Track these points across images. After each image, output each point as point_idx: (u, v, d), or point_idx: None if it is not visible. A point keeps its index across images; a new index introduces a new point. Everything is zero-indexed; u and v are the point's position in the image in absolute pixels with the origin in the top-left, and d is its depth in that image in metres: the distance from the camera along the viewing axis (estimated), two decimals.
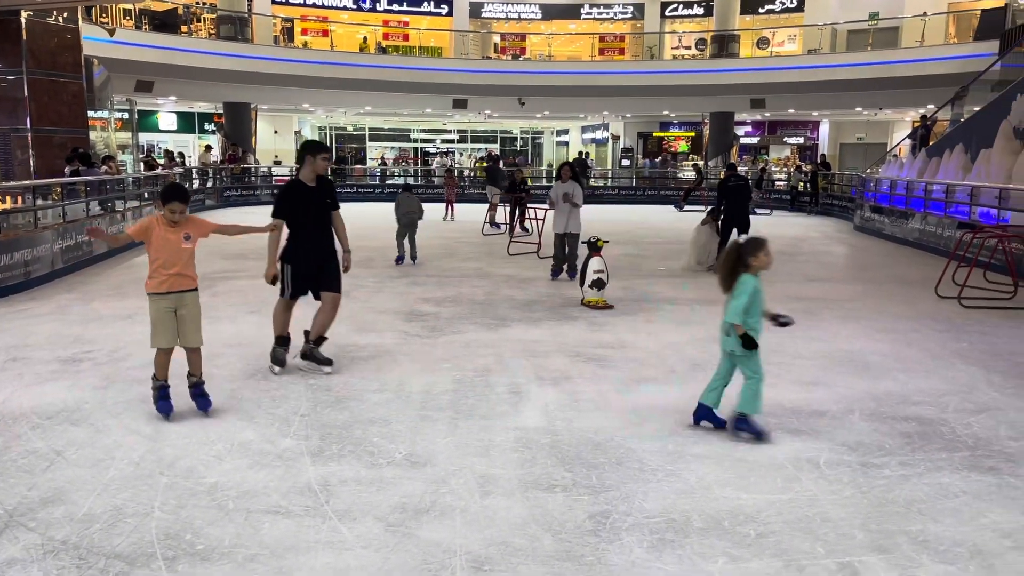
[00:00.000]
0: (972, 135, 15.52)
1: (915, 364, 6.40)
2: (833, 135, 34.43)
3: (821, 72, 25.83)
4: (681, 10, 34.22)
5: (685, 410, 5.12)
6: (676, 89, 27.80)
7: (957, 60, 22.71)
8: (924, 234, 14.59)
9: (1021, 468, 4.19)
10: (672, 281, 10.61)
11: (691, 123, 34.85)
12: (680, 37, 33.00)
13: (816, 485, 4.01)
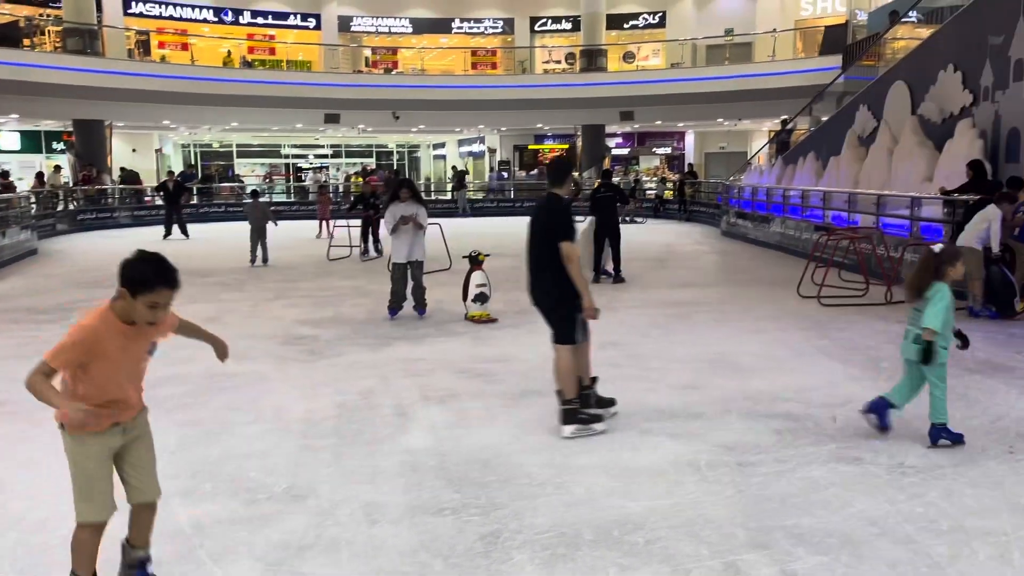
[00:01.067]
0: (823, 143, 16.63)
1: (783, 362, 6.73)
2: (698, 145, 36.11)
3: (684, 85, 27.03)
4: (550, 25, 35.01)
5: None
6: (548, 103, 28.37)
7: (806, 73, 24.31)
8: (784, 237, 15.48)
9: (881, 456, 4.46)
10: None
11: (565, 135, 35.63)
12: (550, 52, 33.73)
13: (698, 487, 4.12)
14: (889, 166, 12.87)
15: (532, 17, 34.94)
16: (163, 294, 2.85)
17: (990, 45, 10.65)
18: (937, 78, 11.99)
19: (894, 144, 12.99)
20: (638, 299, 10.00)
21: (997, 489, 3.98)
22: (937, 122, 12.00)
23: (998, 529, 3.55)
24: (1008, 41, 10.23)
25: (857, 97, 15.53)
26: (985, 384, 5.89)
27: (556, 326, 5.11)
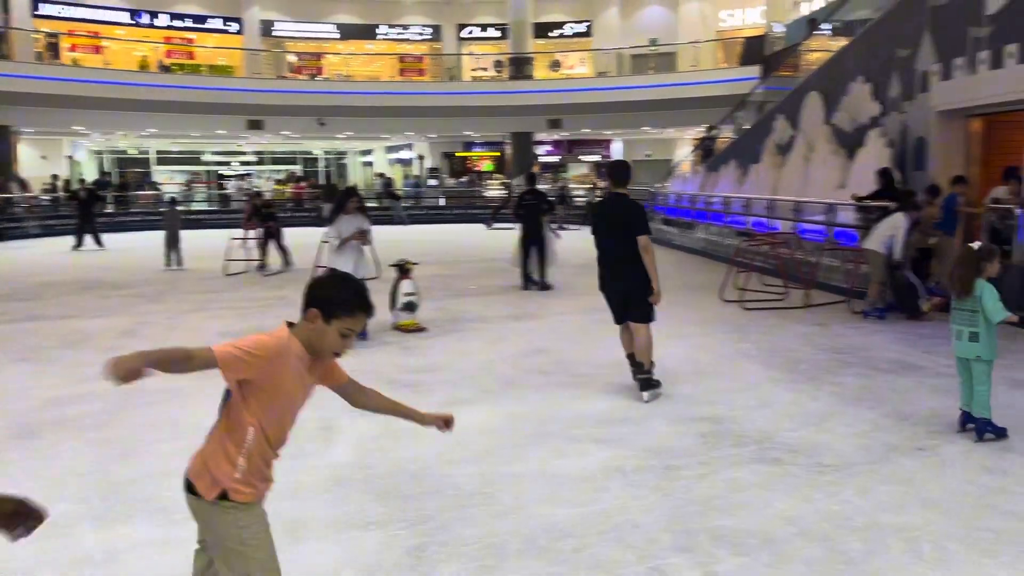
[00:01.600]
0: (743, 152, 17.12)
1: (707, 366, 6.87)
2: (625, 152, 36.66)
3: (610, 94, 27.46)
4: (478, 33, 35.10)
5: (499, 430, 5.16)
6: (477, 110, 28.41)
7: (727, 83, 25.01)
8: (708, 243, 15.86)
9: (800, 457, 4.59)
10: (485, 299, 10.73)
11: (494, 143, 35.74)
12: (478, 59, 33.81)
13: (624, 492, 4.16)
14: (805, 173, 13.33)
15: (459, 24, 34.99)
16: (359, 321, 2.48)
17: (897, 58, 11.15)
18: (848, 89, 12.48)
19: (810, 152, 13.47)
20: (567, 306, 10.07)
21: (908, 485, 4.14)
22: (849, 131, 12.49)
23: (909, 524, 3.68)
24: (914, 54, 10.73)
25: (775, 107, 16.05)
26: (897, 383, 6.14)
27: (639, 308, 5.88)
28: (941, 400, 5.66)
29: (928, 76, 10.43)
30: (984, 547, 3.46)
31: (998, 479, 4.19)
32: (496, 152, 36.19)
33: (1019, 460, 4.46)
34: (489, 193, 31.66)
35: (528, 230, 11.53)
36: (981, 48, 9.31)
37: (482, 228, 24.93)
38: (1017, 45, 8.67)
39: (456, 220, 27.60)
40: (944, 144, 10.34)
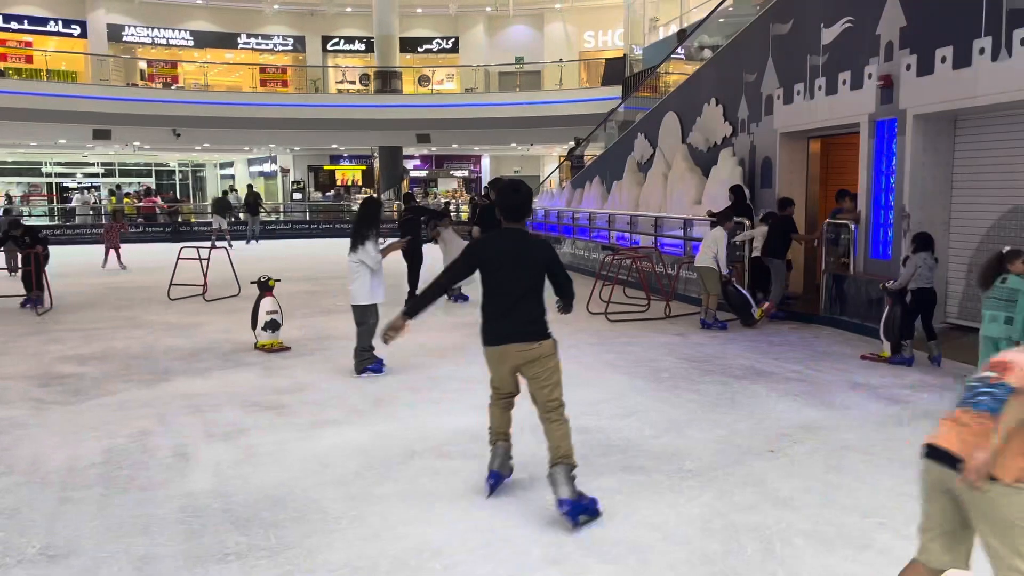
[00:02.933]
0: (606, 169, 17.68)
1: (574, 377, 6.93)
2: (494, 168, 37.14)
3: (478, 110, 27.74)
4: (343, 45, 34.58)
5: (367, 450, 5.04)
6: (343, 123, 27.93)
7: (591, 102, 25.82)
8: (575, 257, 16.25)
9: (662, 463, 4.74)
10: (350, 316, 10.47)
11: (362, 156, 35.26)
12: (344, 72, 33.30)
13: (494, 508, 4.15)
14: (664, 190, 13.92)
15: (324, 36, 34.36)
16: None
17: (745, 82, 11.87)
18: (702, 110, 13.17)
19: (668, 170, 14.09)
20: (439, 321, 10.01)
21: (761, 486, 4.36)
22: (703, 150, 13.17)
23: (762, 523, 3.88)
24: (759, 79, 11.46)
25: (635, 126, 16.69)
26: (749, 389, 6.48)
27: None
28: (789, 404, 6.02)
29: (772, 100, 11.17)
30: (829, 542, 3.68)
31: (839, 476, 4.49)
32: (363, 166, 35.71)
33: (858, 458, 4.80)
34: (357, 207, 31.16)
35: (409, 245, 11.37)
36: (818, 75, 10.07)
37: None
38: (849, 73, 9.43)
39: (323, 235, 26.96)
40: (787, 163, 11.08)
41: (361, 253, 6.88)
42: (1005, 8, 7.23)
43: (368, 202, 7.52)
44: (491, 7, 33.55)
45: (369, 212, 7.17)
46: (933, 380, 6.73)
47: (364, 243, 6.85)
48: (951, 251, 8.59)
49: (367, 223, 6.98)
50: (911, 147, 8.53)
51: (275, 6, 30.54)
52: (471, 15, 34.30)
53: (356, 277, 6.96)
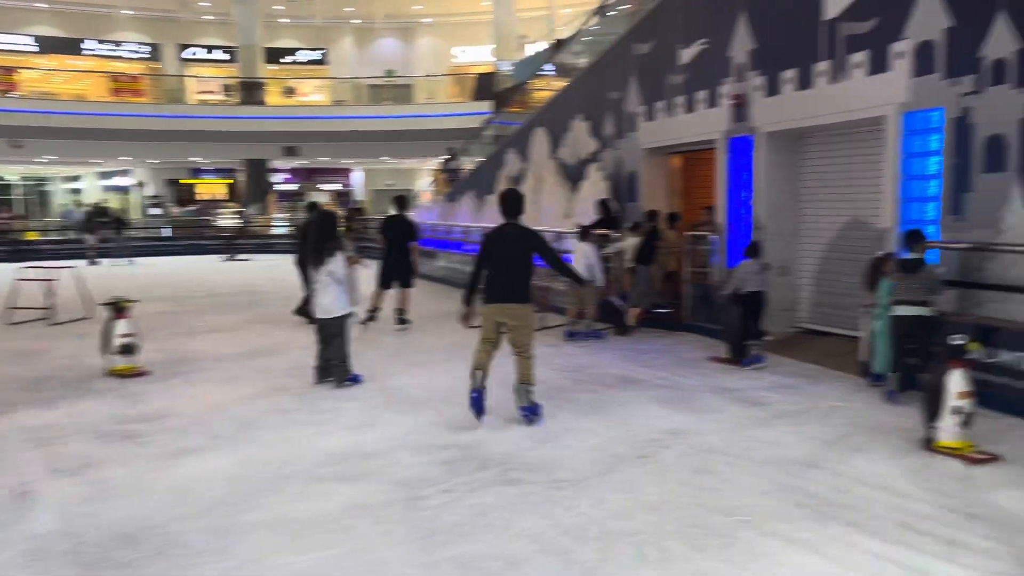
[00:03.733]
0: (479, 183, 17.81)
1: (451, 392, 6.92)
2: (366, 182, 36.62)
3: (348, 123, 27.27)
4: (203, 54, 33.18)
5: (233, 477, 4.80)
6: (205, 135, 26.74)
7: (462, 116, 25.94)
8: (450, 271, 16.23)
9: (538, 475, 4.78)
10: (218, 337, 10.01)
11: (226, 169, 33.88)
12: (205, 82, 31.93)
13: (371, 530, 4.04)
14: (536, 204, 14.16)
15: (181, 44, 32.88)
16: None
17: (610, 99, 12.28)
18: (570, 126, 13.51)
19: (539, 184, 14.35)
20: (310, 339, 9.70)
21: (633, 492, 4.47)
22: (572, 165, 13.50)
23: (635, 529, 3.97)
24: (623, 97, 11.88)
25: (506, 141, 16.92)
26: (620, 396, 6.65)
27: None
28: (658, 410, 6.22)
29: (636, 117, 11.60)
30: (697, 543, 3.82)
31: (705, 478, 4.68)
32: (229, 179, 34.33)
33: (722, 459, 5.01)
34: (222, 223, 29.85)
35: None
36: (677, 94, 10.56)
37: (215, 260, 23.45)
38: (706, 92, 9.94)
39: (184, 252, 25.64)
40: (651, 178, 11.54)
41: (332, 265, 6.99)
42: (841, 34, 7.84)
43: (327, 216, 7.63)
44: (359, 19, 33.16)
45: (330, 226, 7.28)
46: (789, 381, 7.14)
47: (333, 255, 7.00)
48: (801, 260, 9.19)
49: (330, 236, 7.13)
50: (763, 163, 9.07)
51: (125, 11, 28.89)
52: (339, 27, 33.78)
53: (327, 290, 7.05)
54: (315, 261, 7.03)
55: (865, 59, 7.59)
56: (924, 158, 7.20)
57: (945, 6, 6.78)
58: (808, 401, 6.43)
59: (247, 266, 21.84)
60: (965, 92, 6.63)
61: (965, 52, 6.60)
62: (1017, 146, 6.25)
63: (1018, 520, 4.01)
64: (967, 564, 3.55)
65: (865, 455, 5.04)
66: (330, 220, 7.43)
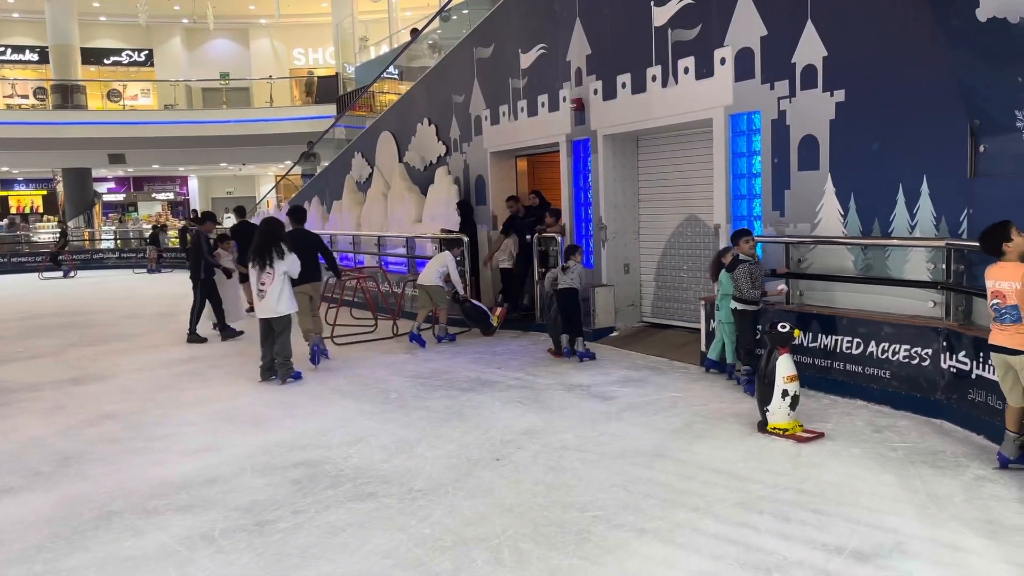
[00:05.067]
0: (325, 188, 17.30)
1: (299, 408, 6.68)
2: (203, 190, 34.78)
3: (180, 128, 25.78)
4: (10, 55, 30.34)
5: (54, 518, 4.38)
6: (15, 143, 24.46)
7: (304, 121, 25.18)
8: None
9: (393, 487, 4.66)
10: (39, 363, 9.12)
11: (41, 180, 31.15)
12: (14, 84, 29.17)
13: (213, 561, 3.78)
14: (385, 209, 13.93)
15: None
16: None
17: (454, 103, 12.27)
18: (416, 130, 13.39)
19: (388, 188, 14.12)
20: (142, 360, 9.06)
21: (489, 496, 4.45)
22: (420, 169, 13.39)
23: (491, 534, 3.95)
24: (467, 100, 11.91)
25: (352, 145, 16.53)
26: (475, 400, 6.64)
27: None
28: (512, 411, 6.25)
29: (480, 120, 11.66)
30: (552, 541, 3.85)
31: (558, 476, 4.73)
32: (43, 191, 31.58)
33: (575, 456, 5.10)
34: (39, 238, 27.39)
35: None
36: (520, 98, 10.70)
37: (33, 278, 21.47)
38: (547, 96, 10.14)
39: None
40: (498, 181, 11.63)
41: (285, 264, 7.53)
42: (670, 40, 8.22)
43: (271, 221, 8.04)
44: (188, 19, 31.42)
45: (276, 229, 7.76)
46: (636, 375, 7.39)
47: (283, 256, 7.53)
48: (642, 257, 9.56)
49: (278, 238, 7.63)
50: (602, 164, 9.36)
51: None
52: (165, 26, 31.87)
53: (278, 289, 7.52)
54: (261, 263, 7.51)
55: (692, 64, 8.00)
56: (749, 157, 7.68)
57: (760, 15, 7.25)
58: (654, 393, 6.68)
59: (70, 283, 20.17)
60: (780, 96, 7.13)
61: (779, 58, 7.09)
62: (827, 146, 6.79)
63: (842, 492, 4.33)
64: (800, 537, 3.78)
65: (707, 442, 5.29)
66: (275, 224, 7.87)
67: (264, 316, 7.61)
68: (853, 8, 6.47)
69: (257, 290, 7.61)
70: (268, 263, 7.47)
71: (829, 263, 6.81)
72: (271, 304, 7.53)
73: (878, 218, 6.42)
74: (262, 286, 7.53)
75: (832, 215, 6.78)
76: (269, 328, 7.62)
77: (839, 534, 3.80)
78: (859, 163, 6.54)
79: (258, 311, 7.69)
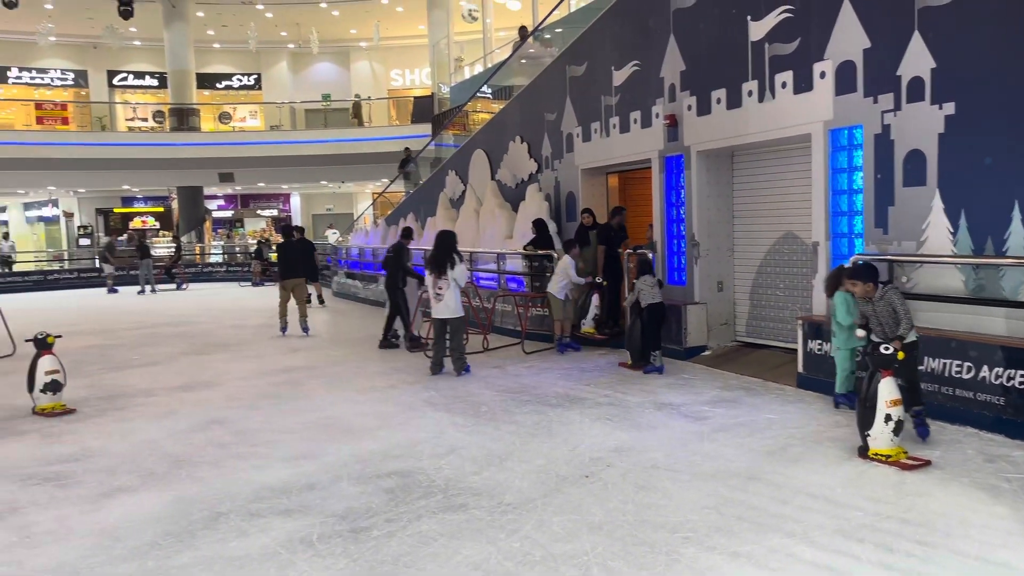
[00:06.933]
0: (420, 205, 17.73)
1: (392, 418, 6.86)
2: (305, 206, 36.16)
3: (285, 147, 26.95)
4: (132, 80, 32.45)
5: (166, 517, 4.64)
6: (135, 163, 26.10)
7: (401, 140, 25.88)
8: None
9: (483, 499, 4.73)
10: (152, 370, 9.70)
11: (158, 197, 33.10)
12: (135, 108, 31.22)
13: (311, 565, 3.93)
14: (477, 225, 14.17)
15: (110, 71, 32.11)
16: None
17: (546, 121, 12.39)
18: (508, 148, 13.58)
19: (479, 205, 14.36)
20: (246, 369, 9.49)
21: (576, 512, 4.45)
22: (512, 186, 13.56)
23: (579, 551, 3.94)
24: (559, 118, 12.01)
25: (446, 163, 16.91)
26: (564, 416, 6.65)
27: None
28: (601, 428, 6.23)
29: (572, 138, 11.73)
30: (641, 561, 3.81)
31: (648, 496, 4.69)
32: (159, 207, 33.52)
33: (665, 475, 5.04)
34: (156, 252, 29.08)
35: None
36: (612, 114, 10.71)
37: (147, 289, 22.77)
38: (640, 112, 10.11)
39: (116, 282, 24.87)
40: (589, 197, 11.65)
41: (456, 272, 8.55)
42: (767, 55, 8.08)
43: (445, 234, 8.89)
44: (294, 44, 32.89)
45: (451, 241, 8.75)
46: (729, 395, 7.24)
47: (454, 266, 8.54)
48: (736, 275, 9.37)
49: (452, 249, 8.64)
50: (696, 180, 9.25)
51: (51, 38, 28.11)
52: (273, 51, 33.43)
53: (453, 294, 8.56)
54: (439, 271, 8.52)
55: (790, 79, 7.83)
56: (850, 173, 7.44)
57: (863, 27, 7.04)
58: (748, 414, 6.52)
59: (182, 295, 21.30)
60: (884, 109, 6.88)
61: (883, 71, 6.86)
62: (935, 160, 6.51)
63: (950, 523, 4.12)
64: (904, 569, 3.62)
65: (803, 465, 5.13)
66: (451, 237, 8.80)
67: (441, 316, 8.57)
68: (963, 17, 6.21)
69: (435, 294, 8.58)
70: (443, 271, 8.49)
71: (936, 283, 6.51)
72: (450, 306, 8.50)
73: (991, 236, 6.11)
74: (439, 291, 8.52)
75: (940, 233, 6.49)
76: (444, 327, 8.61)
77: (946, 567, 3.62)
78: (970, 178, 6.24)
79: (436, 312, 8.64)
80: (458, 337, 8.66)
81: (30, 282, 24.71)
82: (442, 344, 8.72)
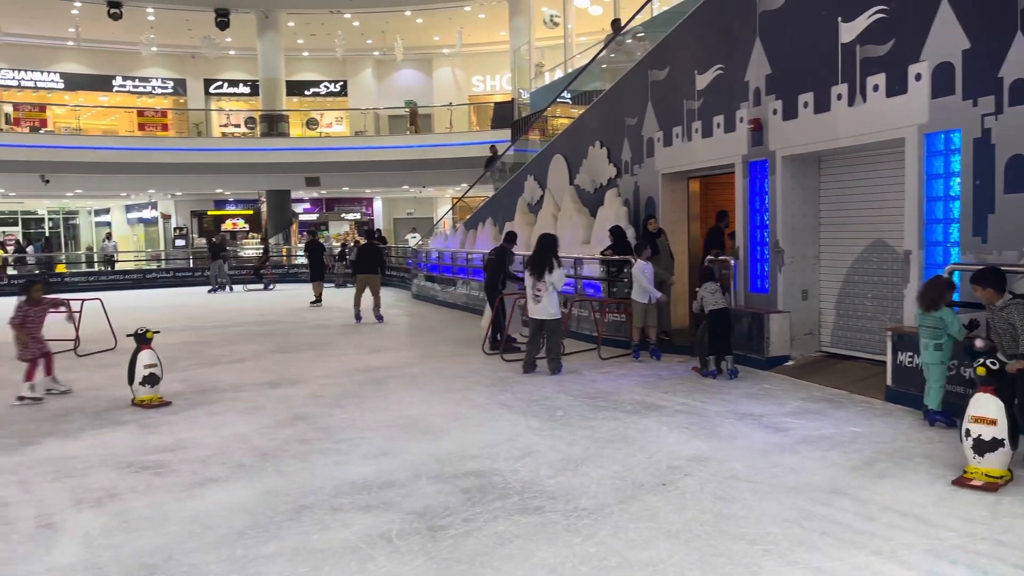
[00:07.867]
0: (498, 210, 17.88)
1: (469, 420, 6.94)
2: (386, 211, 36.94)
3: (368, 153, 27.61)
4: (227, 88, 33.83)
5: (253, 508, 4.81)
6: (228, 167, 27.21)
7: (481, 145, 26.15)
8: (469, 298, 16.26)
9: (559, 503, 4.74)
10: (241, 366, 10.09)
11: (248, 200, 34.37)
12: (228, 115, 32.53)
13: (389, 560, 4.02)
14: (555, 230, 14.20)
15: (206, 79, 33.57)
16: None
17: (627, 125, 12.32)
18: (588, 153, 13.56)
19: (557, 210, 14.38)
20: (329, 368, 9.76)
21: (653, 520, 4.41)
22: (590, 191, 13.53)
23: (656, 558, 3.91)
24: (640, 122, 11.92)
25: (525, 168, 17.00)
26: (641, 423, 6.59)
27: None
28: (679, 436, 6.16)
29: (653, 142, 11.63)
30: (719, 572, 3.75)
31: (727, 506, 4.61)
32: (250, 211, 34.80)
33: (745, 486, 4.94)
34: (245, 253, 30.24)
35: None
36: (694, 119, 10.58)
37: (239, 289, 23.69)
38: (723, 116, 9.95)
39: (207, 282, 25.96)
40: (669, 203, 11.53)
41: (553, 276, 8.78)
42: (858, 57, 7.83)
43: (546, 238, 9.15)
44: (379, 51, 33.68)
45: (552, 245, 9.04)
46: (812, 406, 7.04)
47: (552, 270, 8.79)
48: (822, 283, 9.11)
49: (552, 253, 8.90)
50: (781, 186, 9.03)
51: (153, 48, 29.63)
52: (359, 59, 34.31)
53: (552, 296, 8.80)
54: (539, 273, 8.79)
55: (883, 81, 7.57)
56: (946, 179, 7.14)
57: (962, 27, 6.76)
58: (833, 426, 6.33)
59: (269, 296, 22.04)
60: (985, 113, 6.58)
61: (984, 73, 6.56)
62: None
63: None
64: None
65: (891, 481, 4.95)
66: (552, 241, 9.05)
67: (538, 317, 8.86)
68: None
69: (533, 295, 8.84)
70: (543, 274, 8.76)
71: None
72: (547, 308, 8.79)
73: None
74: (538, 292, 8.79)
75: None
76: (541, 328, 8.91)
77: None
78: None
79: (533, 313, 8.93)
80: (555, 338, 8.91)
81: (130, 280, 26.01)
82: (536, 344, 8.97)
